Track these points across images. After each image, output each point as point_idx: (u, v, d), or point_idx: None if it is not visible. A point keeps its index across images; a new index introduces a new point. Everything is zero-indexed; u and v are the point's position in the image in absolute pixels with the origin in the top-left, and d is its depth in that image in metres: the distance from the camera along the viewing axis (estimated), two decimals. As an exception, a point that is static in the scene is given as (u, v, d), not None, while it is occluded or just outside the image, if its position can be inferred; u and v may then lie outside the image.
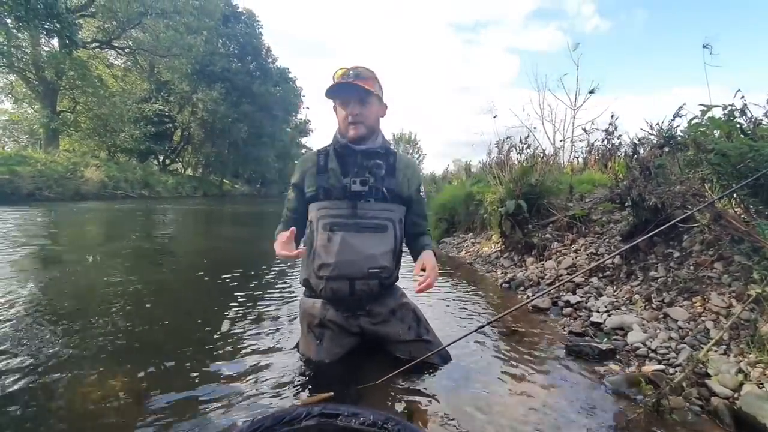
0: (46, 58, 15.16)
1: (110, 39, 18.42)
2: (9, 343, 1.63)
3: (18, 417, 1.15)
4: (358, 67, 1.48)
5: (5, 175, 9.62)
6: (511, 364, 1.60)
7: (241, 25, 27.17)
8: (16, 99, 19.03)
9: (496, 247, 3.90)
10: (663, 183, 2.37)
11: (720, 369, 1.40)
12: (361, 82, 1.44)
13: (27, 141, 22.16)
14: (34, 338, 1.69)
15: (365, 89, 1.45)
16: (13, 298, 2.20)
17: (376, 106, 1.53)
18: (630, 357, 1.68)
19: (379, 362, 1.50)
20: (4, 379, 1.35)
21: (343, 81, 1.44)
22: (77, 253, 3.74)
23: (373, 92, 1.48)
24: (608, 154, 5.09)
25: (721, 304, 1.79)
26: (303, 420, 1.03)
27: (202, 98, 23.27)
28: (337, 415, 1.03)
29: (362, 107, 1.48)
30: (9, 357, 1.51)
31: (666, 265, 2.26)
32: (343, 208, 1.47)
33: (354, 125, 1.48)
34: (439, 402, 1.29)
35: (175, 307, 2.30)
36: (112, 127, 18.01)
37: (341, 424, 1.02)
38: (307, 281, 1.56)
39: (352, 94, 1.47)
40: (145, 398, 1.26)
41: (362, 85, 1.44)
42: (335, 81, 1.46)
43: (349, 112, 1.47)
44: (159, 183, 17.69)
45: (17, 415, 1.16)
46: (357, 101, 1.47)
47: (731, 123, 2.03)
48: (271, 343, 1.75)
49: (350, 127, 1.48)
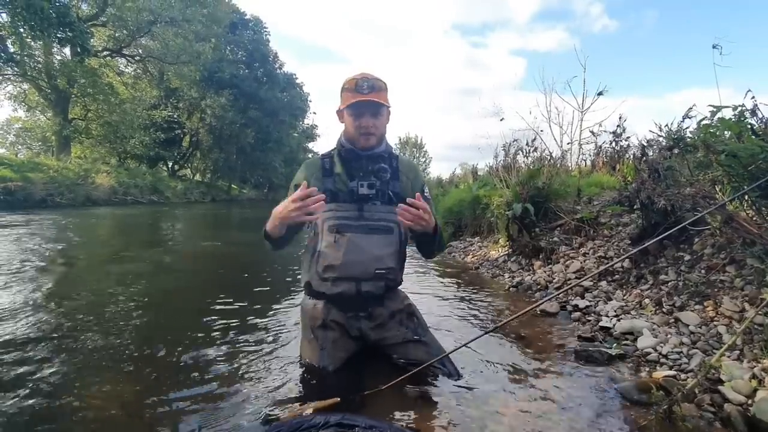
0: (59, 66, 15.45)
1: (121, 47, 18.72)
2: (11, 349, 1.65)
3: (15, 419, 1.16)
4: (369, 77, 1.48)
5: (18, 181, 9.78)
6: (518, 370, 1.58)
7: (249, 32, 27.49)
8: (29, 107, 19.44)
9: (503, 251, 3.87)
10: (672, 185, 2.33)
11: (733, 375, 1.37)
12: (375, 95, 1.46)
13: (40, 148, 22.60)
14: (42, 344, 1.71)
15: (382, 105, 1.48)
16: (16, 306, 2.23)
17: (386, 116, 1.57)
18: (640, 362, 1.65)
19: (383, 368, 1.48)
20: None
21: (364, 98, 1.45)
22: (87, 258, 3.79)
23: (387, 106, 1.52)
24: (616, 157, 5.04)
25: (734, 308, 1.75)
26: (320, 428, 1.03)
27: (211, 104, 23.54)
28: (354, 426, 1.03)
29: (375, 119, 1.50)
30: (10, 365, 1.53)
31: (677, 269, 2.22)
32: (350, 210, 1.48)
33: (367, 136, 1.50)
34: (445, 408, 1.28)
35: (179, 312, 2.31)
36: (123, 134, 18.27)
37: None
38: (309, 284, 1.56)
39: (366, 108, 1.48)
40: (146, 404, 1.26)
41: (379, 101, 1.47)
42: (350, 92, 1.47)
43: (363, 124, 1.49)
44: (168, 188, 17.87)
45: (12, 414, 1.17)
46: (371, 115, 1.49)
47: (742, 124, 2.00)
48: (276, 348, 1.75)
49: (362, 137, 1.51)
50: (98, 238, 5.63)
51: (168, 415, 1.20)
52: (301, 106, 33.65)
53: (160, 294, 2.64)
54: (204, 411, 1.23)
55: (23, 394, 1.30)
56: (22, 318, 2.00)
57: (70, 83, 15.61)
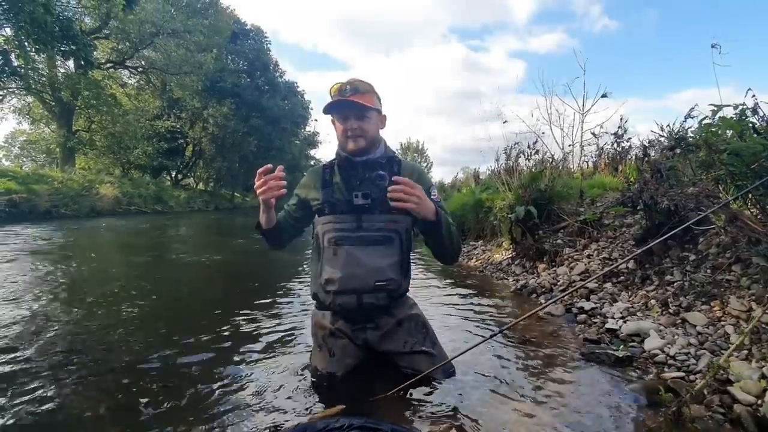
0: (63, 79, 15.64)
1: (123, 59, 18.95)
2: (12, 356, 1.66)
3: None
4: (354, 81, 1.47)
5: (23, 193, 9.86)
6: (524, 374, 1.57)
7: (250, 42, 27.73)
8: (34, 120, 19.65)
9: (507, 254, 3.86)
10: (675, 185, 2.33)
11: (742, 375, 1.35)
12: (358, 97, 1.44)
13: (44, 160, 22.81)
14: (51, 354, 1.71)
15: (362, 105, 1.45)
16: (22, 316, 2.24)
17: (375, 118, 1.52)
18: (648, 364, 1.64)
19: (388, 375, 1.48)
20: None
21: (341, 98, 1.43)
22: (93, 268, 3.81)
23: (372, 108, 1.48)
24: (618, 158, 5.03)
25: (741, 307, 1.74)
26: (345, 431, 1.04)
27: (213, 114, 23.73)
28: (378, 430, 1.04)
29: (361, 122, 1.47)
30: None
31: (682, 269, 2.21)
32: (348, 221, 1.47)
33: (353, 139, 1.48)
34: (451, 413, 1.27)
35: (188, 319, 2.32)
36: (126, 145, 18.43)
37: None
38: (315, 295, 1.56)
39: (350, 110, 1.47)
40: (155, 409, 1.27)
41: (360, 102, 1.44)
42: (332, 96, 1.46)
43: (348, 127, 1.47)
44: (172, 198, 17.95)
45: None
46: (355, 117, 1.47)
47: (743, 122, 2.00)
48: (284, 354, 1.75)
49: (349, 141, 1.48)
50: (103, 248, 5.65)
51: (175, 420, 1.20)
52: (302, 114, 33.82)
53: (168, 303, 2.64)
54: (213, 417, 1.22)
55: (23, 401, 1.30)
56: (25, 327, 2.01)
57: (74, 95, 15.78)
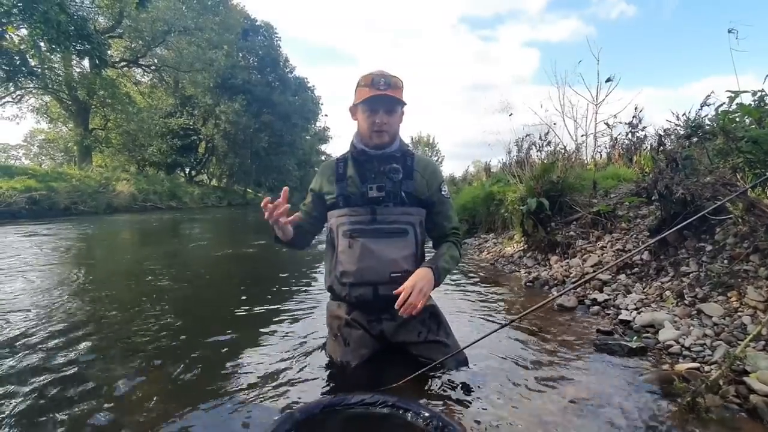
0: (78, 78, 15.94)
1: (137, 57, 19.23)
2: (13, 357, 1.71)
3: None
4: (386, 74, 1.47)
5: (43, 191, 10.12)
6: (536, 364, 1.57)
7: (260, 38, 27.88)
8: (51, 119, 20.11)
9: (518, 247, 3.84)
10: (691, 174, 2.28)
11: (759, 366, 1.33)
12: (391, 92, 1.45)
13: (62, 158, 23.34)
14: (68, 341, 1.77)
15: (397, 100, 1.47)
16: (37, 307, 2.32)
17: (400, 114, 1.55)
18: (662, 355, 1.62)
19: (400, 365, 1.49)
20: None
21: (378, 92, 1.44)
22: (113, 263, 3.90)
23: (402, 103, 1.50)
24: (633, 148, 4.94)
25: (759, 298, 1.70)
26: (378, 406, 1.15)
27: (225, 110, 23.94)
28: (408, 410, 1.13)
29: (389, 117, 1.49)
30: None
31: (698, 260, 2.17)
32: (362, 214, 1.48)
33: (380, 133, 1.49)
34: (463, 401, 1.28)
35: (206, 310, 2.36)
36: (141, 142, 18.78)
37: (410, 419, 1.12)
38: (331, 288, 1.57)
39: (382, 104, 1.47)
40: (173, 398, 1.30)
41: (395, 96, 1.45)
42: (366, 87, 1.46)
43: (377, 120, 1.47)
44: (186, 194, 18.23)
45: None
46: (385, 111, 1.47)
47: (762, 109, 1.94)
48: (300, 345, 1.77)
49: (375, 135, 1.49)
50: (123, 244, 5.78)
51: (197, 410, 1.23)
52: (312, 109, 33.93)
53: (187, 295, 2.69)
54: (229, 406, 1.25)
55: (39, 389, 1.35)
56: (52, 315, 2.08)
57: (90, 94, 16.08)
